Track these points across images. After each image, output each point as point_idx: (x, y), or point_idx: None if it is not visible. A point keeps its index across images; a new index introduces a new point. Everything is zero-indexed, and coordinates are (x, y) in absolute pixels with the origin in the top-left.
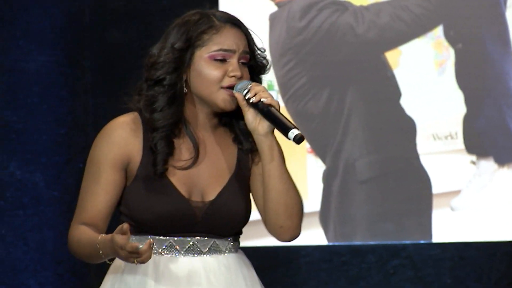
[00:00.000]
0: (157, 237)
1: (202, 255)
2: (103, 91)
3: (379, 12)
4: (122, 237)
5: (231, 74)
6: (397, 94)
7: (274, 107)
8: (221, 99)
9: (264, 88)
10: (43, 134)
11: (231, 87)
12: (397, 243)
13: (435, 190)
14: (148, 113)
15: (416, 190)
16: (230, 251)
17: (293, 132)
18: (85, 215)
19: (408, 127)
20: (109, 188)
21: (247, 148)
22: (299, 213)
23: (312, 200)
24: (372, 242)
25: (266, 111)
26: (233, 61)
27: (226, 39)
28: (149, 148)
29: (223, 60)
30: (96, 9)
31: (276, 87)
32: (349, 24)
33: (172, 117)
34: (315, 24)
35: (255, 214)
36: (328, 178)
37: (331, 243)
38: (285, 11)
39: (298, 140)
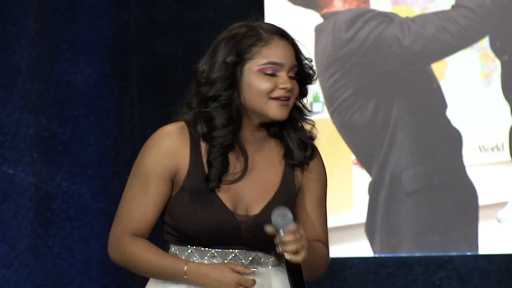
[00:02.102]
0: (199, 248)
1: (255, 271)
2: (150, 103)
3: (425, 24)
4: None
5: (281, 86)
6: (443, 105)
7: (296, 268)
8: (272, 109)
9: (297, 237)
10: (90, 146)
11: (280, 99)
12: (443, 254)
13: (481, 202)
14: (207, 130)
15: (462, 202)
16: (273, 265)
17: None
18: (134, 225)
19: (454, 139)
20: (157, 199)
21: (299, 160)
22: (322, 272)
23: (358, 212)
24: (418, 254)
25: (287, 267)
26: (283, 74)
27: (274, 52)
28: (196, 159)
29: (272, 74)
30: (143, 21)
31: (322, 98)
32: (395, 36)
33: (232, 135)
34: (361, 36)
35: None
36: (374, 190)
37: (377, 255)
38: (331, 23)
39: None
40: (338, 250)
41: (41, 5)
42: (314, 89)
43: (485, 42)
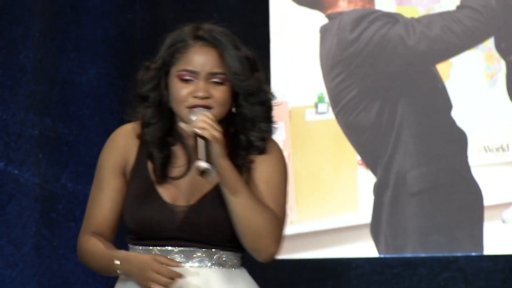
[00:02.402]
0: (146, 247)
1: (184, 266)
2: None
3: (430, 24)
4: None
5: (194, 94)
6: (448, 106)
7: (205, 138)
8: (188, 119)
9: (206, 120)
10: (95, 146)
11: (196, 107)
12: (448, 255)
13: (486, 202)
14: (142, 127)
15: (467, 202)
16: (220, 266)
17: (200, 163)
18: (92, 223)
19: (459, 139)
20: (113, 195)
21: (237, 164)
22: (267, 234)
23: (363, 212)
24: (423, 255)
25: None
26: (199, 82)
27: (191, 60)
28: (142, 155)
29: (189, 80)
30: (147, 21)
31: (327, 99)
32: (400, 36)
33: (161, 131)
34: (366, 36)
35: (303, 227)
36: (379, 190)
37: (382, 255)
38: (336, 23)
39: (200, 173)
40: (343, 250)
41: (45, 6)
42: (319, 89)
43: (490, 43)
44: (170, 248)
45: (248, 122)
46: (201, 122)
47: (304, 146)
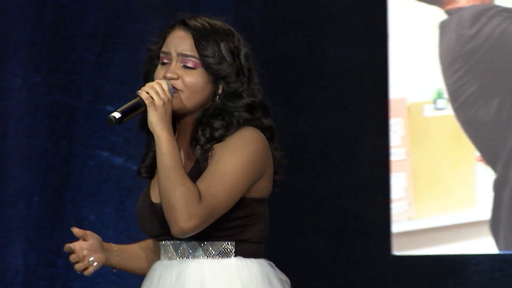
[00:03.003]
0: (156, 242)
1: (173, 259)
2: (272, 99)
3: None
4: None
5: (164, 75)
6: None
7: (139, 97)
8: None
9: (154, 85)
10: None
11: None
12: None
13: None
14: None
15: None
16: (211, 257)
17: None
18: None
19: None
20: None
21: (200, 151)
22: (179, 207)
23: (481, 209)
24: None
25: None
26: (171, 63)
27: (167, 42)
28: None
29: (166, 63)
30: (266, 18)
31: (445, 95)
32: None
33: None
34: (486, 32)
35: (421, 223)
36: (498, 187)
37: (502, 252)
38: (455, 19)
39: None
40: (461, 247)
41: (164, 2)
42: (438, 85)
43: None
44: (165, 242)
45: (222, 112)
46: (147, 86)
47: (422, 142)
